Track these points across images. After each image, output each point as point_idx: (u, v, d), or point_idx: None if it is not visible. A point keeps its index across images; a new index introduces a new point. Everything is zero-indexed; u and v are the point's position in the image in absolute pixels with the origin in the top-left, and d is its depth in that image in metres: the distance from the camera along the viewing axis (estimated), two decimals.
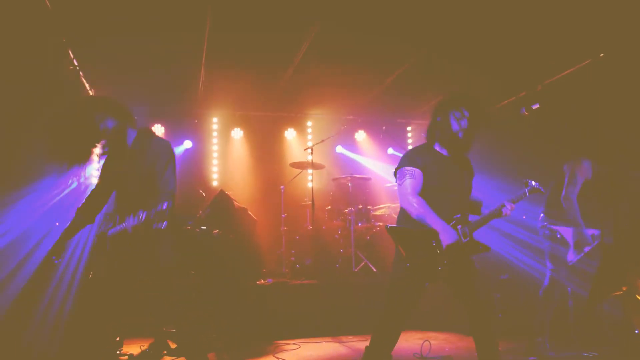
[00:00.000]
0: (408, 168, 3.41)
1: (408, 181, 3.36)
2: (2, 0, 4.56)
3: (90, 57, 6.36)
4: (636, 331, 3.73)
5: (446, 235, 3.23)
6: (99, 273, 3.80)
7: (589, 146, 5.05)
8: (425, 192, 3.38)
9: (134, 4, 5.22)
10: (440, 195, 3.38)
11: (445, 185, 3.41)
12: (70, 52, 6.13)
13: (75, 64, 6.32)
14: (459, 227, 3.32)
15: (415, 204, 3.31)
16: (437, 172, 3.41)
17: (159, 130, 8.39)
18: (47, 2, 4.96)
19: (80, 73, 6.59)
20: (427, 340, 4.85)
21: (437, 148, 3.53)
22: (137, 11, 5.33)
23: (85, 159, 3.54)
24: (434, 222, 3.26)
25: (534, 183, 3.66)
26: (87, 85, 7.02)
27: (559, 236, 4.75)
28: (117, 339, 4.76)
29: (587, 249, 4.65)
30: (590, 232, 4.68)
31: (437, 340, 5.33)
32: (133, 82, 7.06)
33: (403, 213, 3.45)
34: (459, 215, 3.35)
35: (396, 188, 3.49)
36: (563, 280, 4.74)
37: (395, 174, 3.53)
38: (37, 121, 4.50)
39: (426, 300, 5.24)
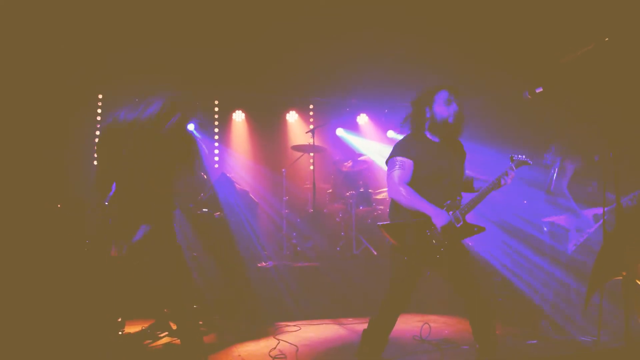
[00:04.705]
0: (399, 158, 3.41)
1: (397, 172, 3.37)
2: None
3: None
4: (635, 316, 3.75)
5: (439, 218, 3.25)
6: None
7: (583, 140, 4.99)
8: (415, 182, 3.38)
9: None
10: (430, 184, 3.38)
11: (436, 174, 3.41)
12: None
13: None
14: (450, 213, 3.33)
15: (404, 193, 3.31)
16: (429, 161, 3.40)
17: None
18: None
19: None
20: (426, 323, 4.87)
21: (428, 135, 3.52)
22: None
23: None
24: (425, 207, 3.28)
25: (519, 156, 3.57)
26: None
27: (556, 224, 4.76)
28: (119, 319, 4.79)
29: (588, 230, 4.63)
30: (592, 212, 4.66)
31: (436, 323, 5.35)
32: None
33: (394, 204, 3.46)
34: (448, 202, 3.36)
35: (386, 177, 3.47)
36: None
37: (386, 162, 3.53)
38: None
39: (426, 284, 5.26)
